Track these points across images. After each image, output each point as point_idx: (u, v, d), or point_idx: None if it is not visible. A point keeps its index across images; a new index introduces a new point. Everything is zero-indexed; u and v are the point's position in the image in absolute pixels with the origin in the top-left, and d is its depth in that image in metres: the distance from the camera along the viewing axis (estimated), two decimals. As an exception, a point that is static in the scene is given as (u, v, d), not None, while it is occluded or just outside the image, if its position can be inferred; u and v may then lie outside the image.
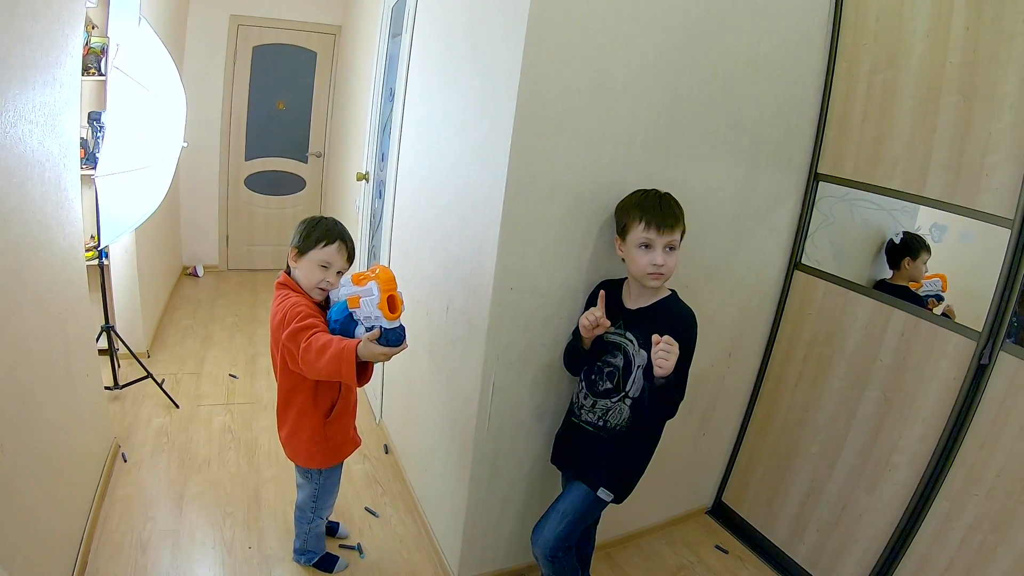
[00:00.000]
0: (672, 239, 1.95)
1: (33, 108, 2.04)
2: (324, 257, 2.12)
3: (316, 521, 2.45)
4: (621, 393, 2.07)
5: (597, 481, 2.13)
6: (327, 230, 2.15)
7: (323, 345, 1.92)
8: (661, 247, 1.95)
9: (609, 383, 2.08)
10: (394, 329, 1.89)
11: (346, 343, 1.91)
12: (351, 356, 1.88)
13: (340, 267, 2.16)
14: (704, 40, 2.18)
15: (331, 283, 2.15)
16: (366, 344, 1.89)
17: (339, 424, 2.29)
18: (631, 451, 2.14)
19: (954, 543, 2.23)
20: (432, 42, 2.83)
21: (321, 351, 1.92)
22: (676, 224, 1.96)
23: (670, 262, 1.96)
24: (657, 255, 1.95)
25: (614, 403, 2.08)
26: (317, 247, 2.12)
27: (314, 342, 1.94)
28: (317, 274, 2.13)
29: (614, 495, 2.14)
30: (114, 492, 2.87)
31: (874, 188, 2.48)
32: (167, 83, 3.72)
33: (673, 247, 1.97)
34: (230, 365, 4.29)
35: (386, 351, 1.90)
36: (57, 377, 2.30)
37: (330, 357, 1.90)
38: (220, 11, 5.65)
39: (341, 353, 1.89)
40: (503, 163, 1.99)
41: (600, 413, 2.11)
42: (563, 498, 2.20)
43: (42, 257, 2.18)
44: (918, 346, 2.33)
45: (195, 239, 6.17)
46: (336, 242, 2.14)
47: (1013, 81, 2.05)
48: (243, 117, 6.03)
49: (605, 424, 2.10)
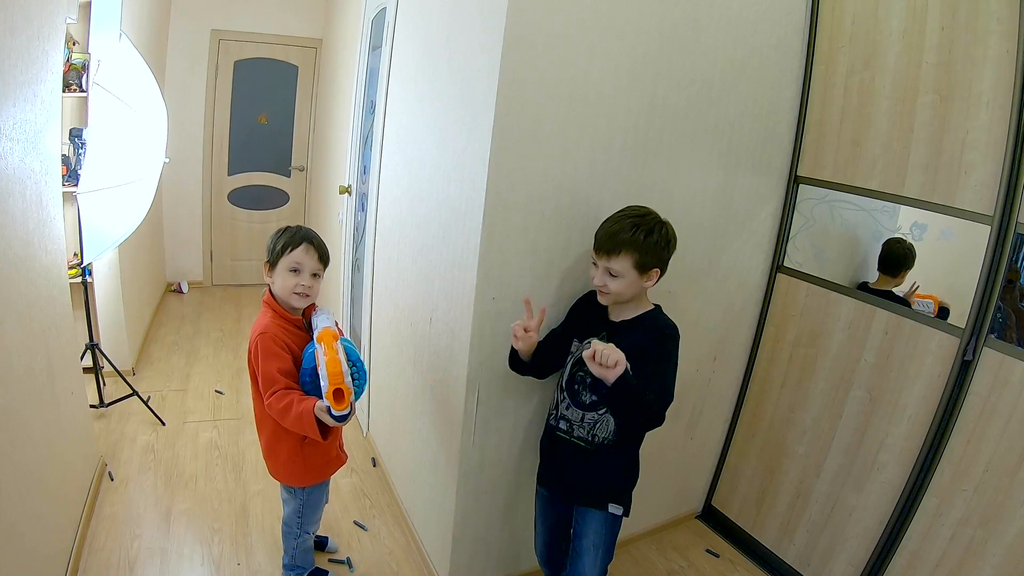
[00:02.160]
0: (608, 265, 1.92)
1: (13, 125, 2.02)
2: (292, 262, 2.12)
3: (303, 536, 2.43)
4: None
5: (604, 499, 2.09)
6: (291, 235, 2.15)
7: (285, 407, 1.99)
8: (602, 269, 1.95)
9: (594, 395, 2.04)
10: (339, 416, 1.93)
11: (304, 406, 1.96)
12: (310, 418, 1.94)
13: (313, 269, 2.15)
14: (680, 46, 2.20)
15: (306, 286, 2.13)
16: (319, 411, 1.93)
17: (317, 446, 2.23)
18: (625, 461, 2.11)
19: (944, 539, 2.24)
20: (411, 53, 2.84)
21: (284, 412, 2.00)
22: (613, 251, 1.90)
23: (611, 285, 1.93)
24: (597, 275, 1.96)
25: (600, 415, 2.04)
26: (285, 254, 2.12)
27: (275, 403, 2.01)
28: (290, 280, 2.12)
29: (623, 508, 2.11)
30: (101, 510, 2.84)
31: (854, 189, 2.50)
32: (148, 99, 3.71)
33: (614, 274, 1.92)
34: (216, 381, 4.26)
35: (336, 426, 1.97)
36: (40, 395, 2.28)
37: (292, 420, 1.99)
38: (201, 26, 5.63)
39: (300, 416, 1.96)
40: (482, 173, 1.99)
41: (588, 427, 2.06)
42: (584, 533, 2.13)
43: (24, 274, 2.16)
44: (902, 344, 2.35)
45: (179, 255, 6.13)
46: (301, 244, 2.13)
47: (989, 79, 2.08)
48: (225, 132, 6.00)
49: (594, 438, 2.06)
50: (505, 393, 2.29)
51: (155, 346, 4.77)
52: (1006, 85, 2.03)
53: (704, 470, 3.19)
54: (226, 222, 6.25)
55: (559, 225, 2.15)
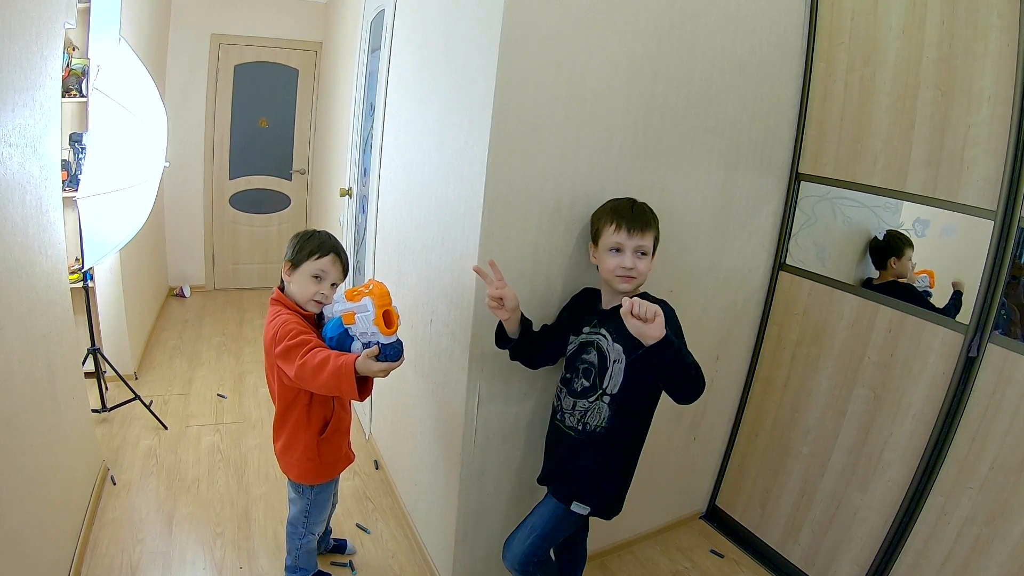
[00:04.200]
0: (642, 243, 1.93)
1: (13, 130, 2.03)
2: (317, 269, 2.10)
3: (308, 537, 2.43)
4: (599, 391, 2.01)
5: (571, 495, 2.07)
6: (320, 242, 2.13)
7: (320, 362, 1.90)
8: (631, 251, 1.93)
9: (586, 381, 2.04)
10: (391, 344, 1.88)
11: (344, 358, 1.89)
12: (350, 372, 1.87)
13: (334, 279, 2.14)
14: (679, 45, 2.19)
15: (325, 295, 2.12)
16: (364, 360, 1.87)
17: (332, 442, 2.27)
18: (612, 458, 2.07)
19: (950, 537, 2.23)
20: (410, 55, 2.83)
21: (319, 368, 1.90)
22: (647, 228, 1.94)
23: (640, 266, 1.93)
24: (626, 258, 1.93)
25: (592, 403, 2.02)
26: (311, 259, 2.10)
27: (310, 359, 1.92)
28: (311, 286, 2.11)
29: (590, 508, 2.07)
30: (103, 515, 2.84)
31: (855, 186, 2.49)
32: (148, 103, 3.71)
33: (644, 252, 1.94)
34: (218, 385, 4.26)
35: (384, 367, 1.89)
36: (41, 400, 2.27)
37: (329, 374, 1.89)
38: (200, 30, 5.64)
39: (339, 369, 1.88)
40: (481, 174, 1.99)
41: (579, 415, 2.05)
42: (534, 511, 2.16)
43: (24, 279, 2.15)
44: (905, 342, 2.34)
45: (180, 259, 6.13)
46: (330, 254, 2.11)
47: (989, 74, 2.07)
48: (226, 136, 6.01)
49: (584, 427, 2.04)
50: (507, 394, 2.28)
51: (157, 350, 4.77)
52: (1007, 79, 2.02)
53: (708, 470, 3.18)
54: (227, 226, 6.25)
55: (558, 225, 2.14)
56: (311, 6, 5.92)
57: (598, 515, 2.10)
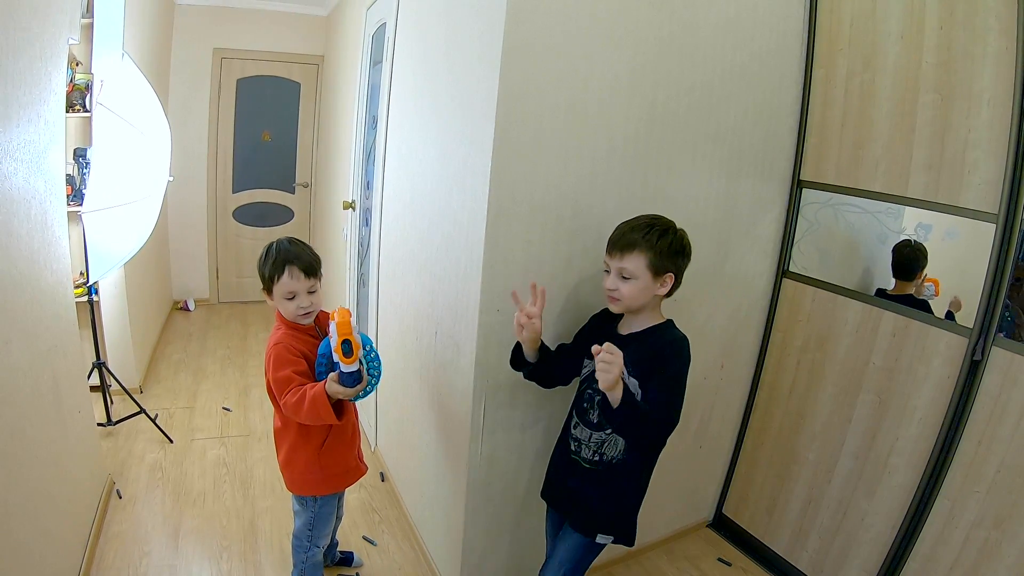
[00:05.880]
0: (623, 266, 1.85)
1: (18, 146, 2.04)
2: (285, 291, 2.09)
3: (313, 550, 2.42)
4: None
5: (595, 528, 2.03)
6: (273, 262, 2.10)
7: (299, 399, 1.98)
8: (615, 272, 1.88)
9: (602, 416, 1.97)
10: (349, 373, 1.91)
11: (315, 388, 1.96)
12: (323, 398, 1.94)
13: (306, 289, 2.11)
14: (679, 53, 2.20)
15: (308, 305, 2.12)
16: (331, 384, 1.93)
17: (334, 454, 2.27)
18: (630, 486, 2.03)
19: (958, 542, 2.22)
20: (411, 68, 2.85)
21: (298, 405, 1.98)
22: (627, 251, 1.84)
23: (623, 289, 1.87)
24: (609, 279, 1.90)
25: (608, 435, 1.97)
26: (275, 284, 2.10)
27: (289, 398, 2.00)
28: (289, 306, 2.10)
29: (614, 537, 2.03)
30: (109, 528, 2.84)
31: (857, 192, 2.49)
32: (152, 118, 3.72)
33: (626, 276, 1.86)
34: (223, 398, 4.27)
35: (344, 391, 1.94)
36: (46, 413, 2.28)
37: (307, 408, 1.96)
38: (203, 45, 5.68)
39: (313, 400, 1.95)
40: (484, 185, 1.99)
41: (595, 447, 2.00)
42: (559, 546, 2.11)
43: (29, 294, 2.16)
44: (910, 346, 2.34)
45: (184, 273, 6.16)
46: (285, 271, 2.08)
47: (989, 77, 2.07)
48: (229, 150, 6.05)
49: (602, 458, 1.99)
50: (512, 405, 2.28)
51: (162, 364, 4.78)
52: (1006, 82, 2.03)
53: (714, 478, 3.17)
54: (231, 239, 6.28)
55: (562, 235, 2.14)
56: (313, 20, 5.95)
57: (622, 543, 2.06)
